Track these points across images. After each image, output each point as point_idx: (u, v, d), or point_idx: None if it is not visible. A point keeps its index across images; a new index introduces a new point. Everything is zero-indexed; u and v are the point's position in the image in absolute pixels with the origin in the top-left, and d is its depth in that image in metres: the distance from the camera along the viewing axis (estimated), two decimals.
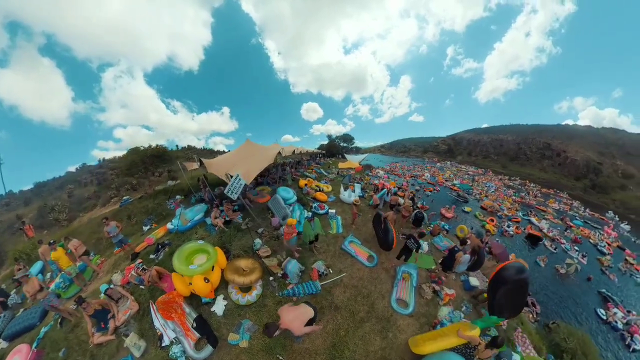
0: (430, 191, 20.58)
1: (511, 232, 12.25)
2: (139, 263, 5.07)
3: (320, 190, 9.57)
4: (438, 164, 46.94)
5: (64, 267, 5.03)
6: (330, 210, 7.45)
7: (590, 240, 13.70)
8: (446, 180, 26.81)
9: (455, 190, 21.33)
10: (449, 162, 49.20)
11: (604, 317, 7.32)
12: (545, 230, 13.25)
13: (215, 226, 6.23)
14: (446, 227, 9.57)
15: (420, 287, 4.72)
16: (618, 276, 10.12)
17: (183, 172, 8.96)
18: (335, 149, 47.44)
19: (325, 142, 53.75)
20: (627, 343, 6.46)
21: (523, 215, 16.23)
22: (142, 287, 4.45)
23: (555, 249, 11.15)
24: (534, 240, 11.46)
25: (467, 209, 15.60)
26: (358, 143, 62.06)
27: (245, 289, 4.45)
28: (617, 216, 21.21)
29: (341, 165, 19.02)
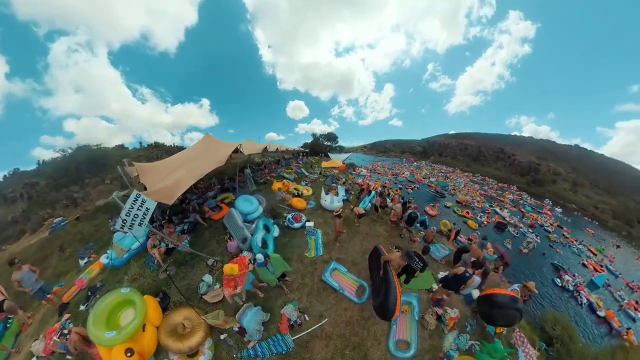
0: (412, 188, 21.27)
1: (484, 222, 14.46)
2: (65, 321, 3.78)
3: (298, 195, 8.25)
4: (415, 163, 52.44)
5: None
6: (307, 224, 6.20)
7: (538, 222, 17.50)
8: (424, 178, 28.21)
9: (433, 187, 22.51)
10: (423, 162, 57.01)
11: (560, 284, 9.07)
12: (507, 218, 16.15)
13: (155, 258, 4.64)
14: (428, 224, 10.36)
15: (423, 318, 3.98)
16: (562, 249, 13.19)
17: (125, 180, 6.95)
18: (319, 147, 46.51)
19: (310, 140, 52.77)
20: (579, 302, 8.19)
21: (489, 206, 19.30)
22: (70, 357, 3.32)
23: (517, 234, 13.51)
24: (501, 228, 13.78)
25: (448, 204, 16.77)
26: (342, 143, 62.78)
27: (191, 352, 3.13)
28: (551, 202, 28.88)
29: (324, 164, 18.24)
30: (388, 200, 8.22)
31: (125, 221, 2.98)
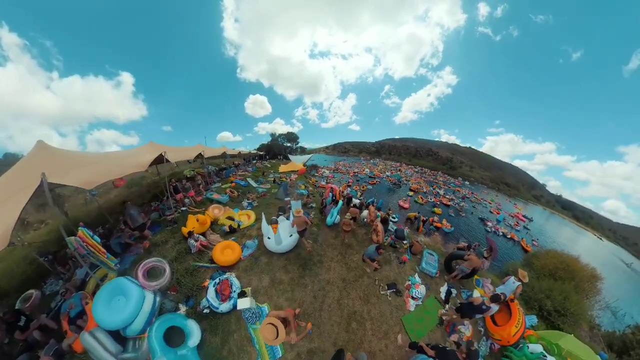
0: (373, 184, 21.72)
1: (437, 203, 18.05)
2: None
3: (232, 230, 4.94)
4: (371, 160, 60.97)
5: None
6: (239, 303, 3.18)
7: (461, 192, 26.85)
8: (381, 173, 30.15)
9: (390, 180, 24.35)
10: (377, 159, 69.49)
11: (488, 230, 14.13)
12: (446, 196, 21.46)
13: None
14: (397, 218, 10.17)
15: None
16: (478, 206, 21.04)
17: None
18: (278, 148, 42.41)
19: (268, 141, 47.60)
20: (498, 235, 13.74)
21: (433, 189, 23.92)
22: None
23: (454, 204, 18.86)
24: (446, 205, 18.64)
25: (410, 193, 19.68)
26: (304, 144, 60.91)
27: None
28: (461, 178, 49.87)
29: (282, 168, 15.38)
30: (359, 208, 6.27)
31: None
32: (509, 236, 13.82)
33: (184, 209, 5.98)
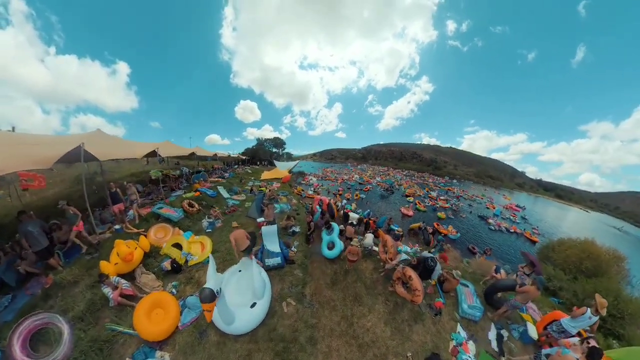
0: (366, 191, 20.61)
1: (440, 205, 17.81)
2: None
3: (177, 267, 3.33)
4: (358, 166, 61.54)
5: None
6: None
7: (454, 192, 27.24)
8: (371, 179, 29.57)
9: (382, 186, 23.32)
10: (365, 165, 71.64)
11: (492, 228, 13.71)
12: (441, 197, 21.50)
13: None
14: (396, 227, 8.64)
15: None
16: (473, 203, 21.27)
17: None
18: (264, 154, 40.69)
19: (253, 146, 45.74)
20: (502, 231, 13.53)
21: (426, 192, 23.77)
22: None
23: (451, 205, 18.54)
24: (443, 208, 18.34)
25: (409, 198, 19.02)
26: (292, 151, 60.86)
27: None
28: (448, 177, 55.13)
29: (265, 175, 13.91)
30: (373, 244, 4.63)
31: None
32: (511, 230, 13.54)
33: (117, 227, 4.28)
